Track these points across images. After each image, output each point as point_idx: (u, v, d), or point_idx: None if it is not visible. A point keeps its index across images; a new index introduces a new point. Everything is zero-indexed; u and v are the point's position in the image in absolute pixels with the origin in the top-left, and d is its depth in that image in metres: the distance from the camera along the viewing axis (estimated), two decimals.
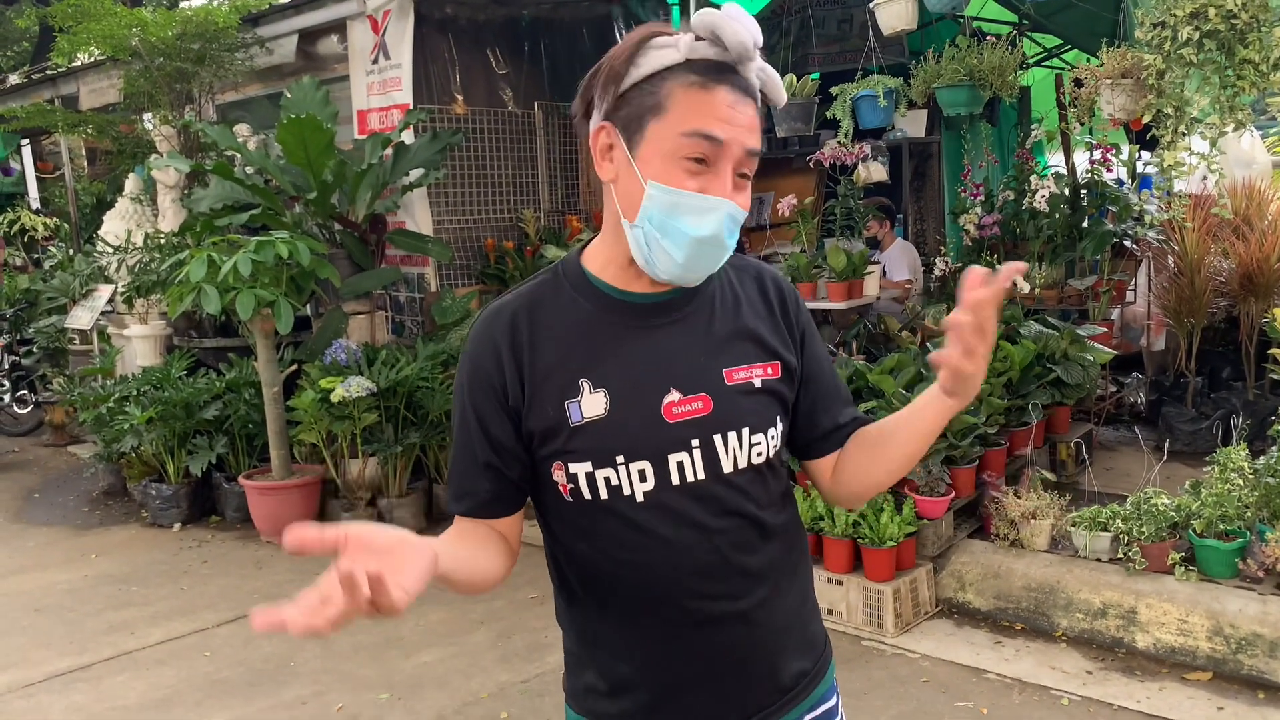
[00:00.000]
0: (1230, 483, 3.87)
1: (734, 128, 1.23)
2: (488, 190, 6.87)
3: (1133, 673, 3.63)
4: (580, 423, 1.29)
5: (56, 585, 4.96)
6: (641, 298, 1.34)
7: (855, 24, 6.99)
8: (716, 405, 1.31)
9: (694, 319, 1.35)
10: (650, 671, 1.35)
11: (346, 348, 5.54)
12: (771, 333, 1.40)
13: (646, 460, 1.29)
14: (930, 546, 4.27)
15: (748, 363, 1.35)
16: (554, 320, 1.33)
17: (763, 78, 1.28)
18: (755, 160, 1.27)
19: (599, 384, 1.30)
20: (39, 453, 7.79)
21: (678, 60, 1.23)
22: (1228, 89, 3.89)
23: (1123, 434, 6.25)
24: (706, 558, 1.32)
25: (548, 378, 1.31)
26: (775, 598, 1.38)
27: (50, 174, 12.55)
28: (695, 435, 1.30)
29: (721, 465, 1.32)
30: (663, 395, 1.30)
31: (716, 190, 1.24)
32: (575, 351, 1.31)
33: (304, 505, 5.51)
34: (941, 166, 7.61)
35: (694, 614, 1.33)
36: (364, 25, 6.37)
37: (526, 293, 1.37)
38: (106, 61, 7.61)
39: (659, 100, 1.23)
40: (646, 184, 1.24)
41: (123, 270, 6.86)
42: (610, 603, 1.36)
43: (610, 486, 1.29)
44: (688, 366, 1.32)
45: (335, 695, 3.73)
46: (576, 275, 1.37)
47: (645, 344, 1.32)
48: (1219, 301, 6.01)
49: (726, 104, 1.23)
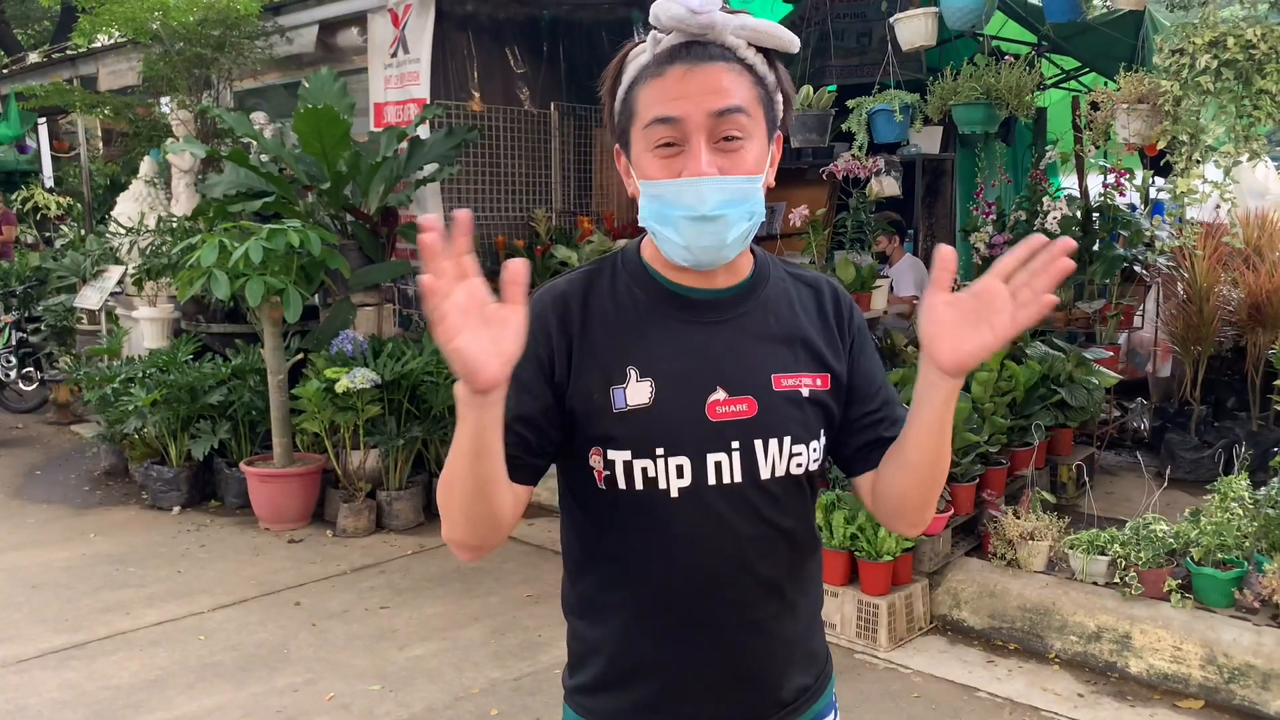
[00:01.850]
0: (1230, 512, 3.87)
1: (686, 100, 1.21)
2: (501, 188, 6.89)
3: (1124, 697, 3.63)
4: (623, 410, 1.28)
5: (54, 563, 4.97)
6: (698, 293, 1.33)
7: (874, 38, 7.00)
8: (761, 409, 1.30)
9: (748, 320, 1.33)
10: (656, 670, 1.35)
11: (353, 339, 5.56)
12: (825, 343, 1.37)
13: (685, 456, 1.28)
14: (927, 562, 4.27)
15: (798, 371, 1.33)
16: (607, 304, 1.33)
17: (744, 34, 1.23)
18: (737, 117, 1.22)
19: (646, 373, 1.28)
20: (42, 430, 7.82)
21: (648, 61, 1.25)
22: (1243, 118, 3.89)
23: (1125, 459, 6.24)
24: (730, 562, 1.31)
25: (595, 359, 1.29)
26: (788, 611, 1.37)
27: (66, 153, 12.61)
28: (736, 437, 1.29)
29: (759, 471, 1.30)
30: (709, 392, 1.29)
31: (691, 169, 1.23)
32: (625, 337, 1.30)
33: (304, 494, 5.53)
34: (954, 184, 7.61)
35: (707, 617, 1.32)
36: (384, 19, 6.40)
37: (582, 275, 1.36)
38: (127, 44, 7.64)
39: (632, 107, 1.27)
40: (639, 186, 1.28)
41: (134, 252, 6.89)
42: (624, 596, 1.35)
43: (647, 478, 1.28)
44: (737, 367, 1.30)
45: (327, 684, 3.74)
46: (635, 264, 1.36)
47: (697, 339, 1.31)
48: (1226, 330, 6.00)
49: (676, 79, 1.22)
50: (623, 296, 1.33)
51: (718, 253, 1.27)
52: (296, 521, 5.51)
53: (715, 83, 1.22)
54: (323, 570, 4.89)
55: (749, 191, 1.26)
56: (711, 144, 1.23)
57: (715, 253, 1.27)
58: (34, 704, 3.58)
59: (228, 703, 3.61)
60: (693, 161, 1.23)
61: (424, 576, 4.82)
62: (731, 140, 1.24)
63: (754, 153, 1.26)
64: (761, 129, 1.27)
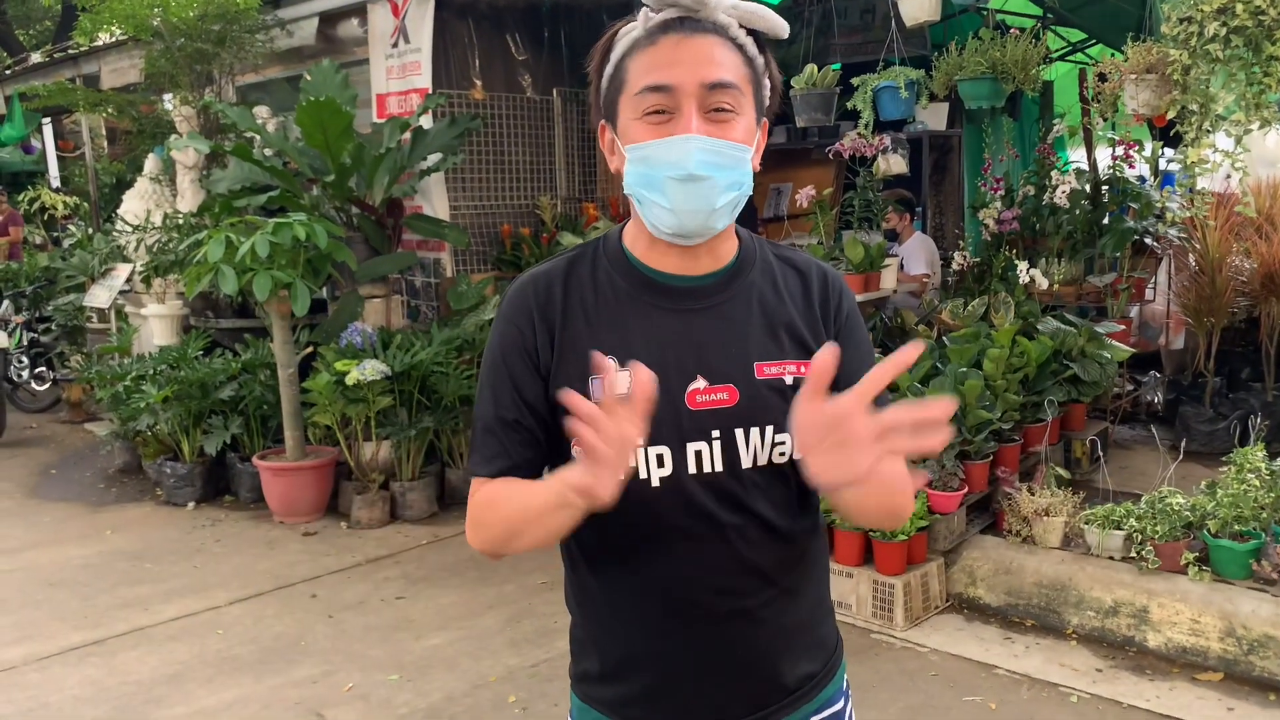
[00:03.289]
0: (1246, 483, 3.85)
1: (680, 67, 1.20)
2: (505, 176, 6.87)
3: (1143, 672, 3.62)
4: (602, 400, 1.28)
5: (72, 560, 5.00)
6: (679, 280, 1.31)
7: (877, 15, 6.95)
8: (742, 398, 1.28)
9: (730, 307, 1.32)
10: (651, 660, 1.35)
11: (362, 331, 5.56)
12: (810, 329, 1.35)
13: (665, 445, 1.27)
14: (942, 541, 4.25)
15: (781, 358, 1.31)
16: (587, 292, 1.32)
17: (735, 14, 1.24)
18: (730, 92, 1.22)
19: (625, 363, 1.27)
20: (56, 429, 7.86)
21: (639, 34, 1.25)
22: (1254, 86, 3.85)
23: (1139, 433, 6.21)
24: (716, 552, 1.30)
25: (575, 349, 1.29)
26: (784, 599, 1.35)
27: (71, 153, 12.64)
28: (716, 426, 1.28)
29: (740, 460, 1.29)
30: (688, 381, 1.28)
31: (681, 131, 1.21)
32: (605, 327, 1.30)
33: (317, 487, 5.54)
34: (962, 160, 7.57)
35: (698, 606, 1.31)
36: (384, 9, 6.37)
37: (564, 262, 1.36)
38: (128, 41, 7.63)
39: (622, 77, 1.26)
40: (625, 151, 1.27)
41: (141, 250, 6.90)
42: (617, 587, 1.35)
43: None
44: (718, 355, 1.29)
45: (345, 675, 3.76)
46: (615, 251, 1.35)
47: (677, 327, 1.30)
48: (1240, 301, 5.95)
49: (669, 47, 1.21)
50: (603, 285, 1.32)
51: (704, 219, 1.24)
52: (311, 514, 5.52)
53: (709, 53, 1.22)
54: (338, 562, 4.91)
55: (737, 159, 1.24)
56: (702, 114, 1.22)
57: (702, 218, 1.24)
58: (56, 701, 3.61)
59: (247, 695, 3.63)
60: (683, 126, 1.21)
61: (439, 566, 4.83)
62: (722, 112, 1.23)
63: (743, 127, 1.25)
64: (751, 109, 1.26)
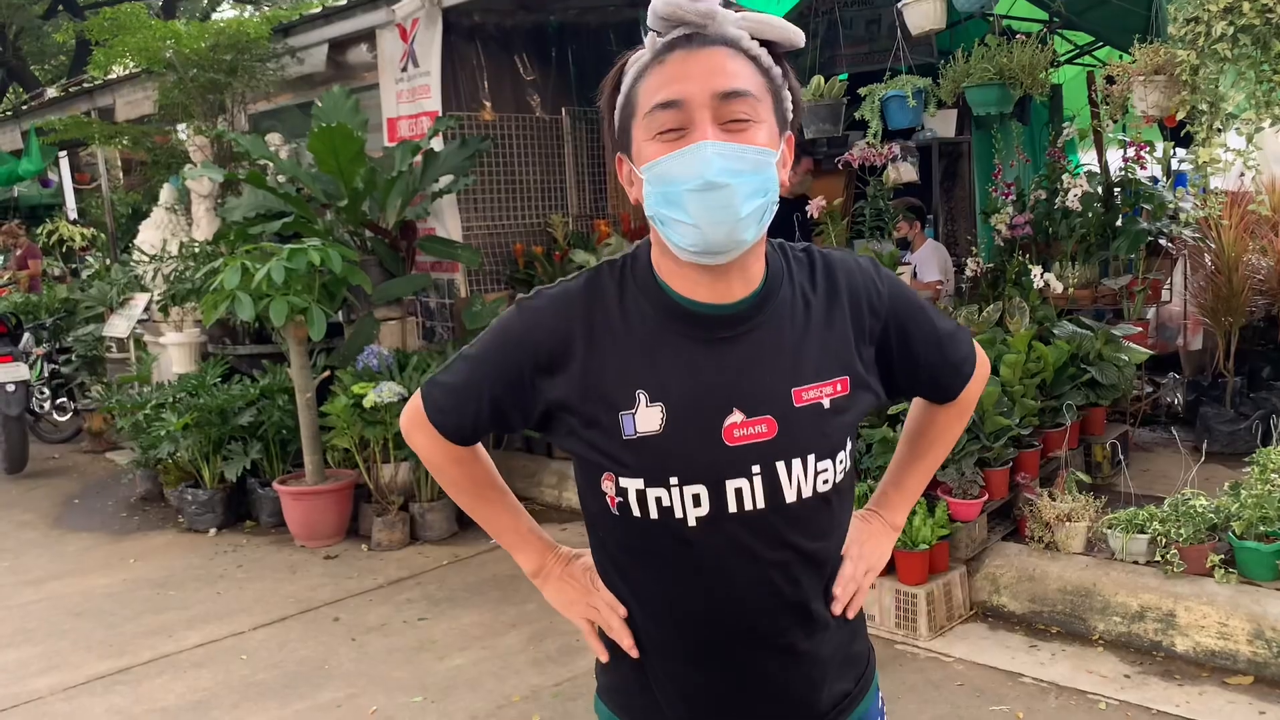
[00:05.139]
0: (1270, 484, 3.81)
1: (690, 81, 1.15)
2: (516, 196, 6.91)
3: (1172, 677, 3.58)
4: (633, 437, 1.22)
5: (96, 590, 5.03)
6: (709, 308, 1.24)
7: (883, 24, 6.95)
8: (782, 429, 1.22)
9: (763, 334, 1.25)
10: (680, 690, 1.32)
11: (378, 354, 5.59)
12: (854, 328, 1.29)
13: (702, 484, 1.21)
14: (964, 549, 4.23)
15: (818, 380, 1.25)
16: (615, 319, 1.25)
17: (745, 25, 1.18)
18: (745, 101, 1.15)
19: (656, 397, 1.22)
20: (78, 459, 7.92)
21: (647, 59, 1.20)
22: (1263, 84, 3.83)
23: (1159, 435, 6.16)
24: (757, 590, 1.26)
25: (602, 380, 1.23)
26: (823, 629, 1.32)
27: (87, 185, 12.77)
28: (756, 461, 1.21)
29: (784, 494, 1.23)
30: (724, 415, 1.21)
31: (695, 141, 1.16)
32: (633, 359, 1.23)
33: (337, 510, 5.56)
34: (972, 166, 7.54)
35: (734, 644, 1.28)
36: (393, 34, 6.43)
37: (584, 284, 1.29)
38: (141, 74, 7.72)
39: (633, 103, 1.21)
40: (641, 172, 1.21)
41: (158, 279, 6.96)
42: (649, 619, 1.32)
43: (661, 507, 1.22)
44: (754, 385, 1.23)
45: (369, 698, 3.76)
46: (645, 275, 1.27)
47: (710, 359, 1.23)
48: (1257, 300, 5.91)
49: (678, 63, 1.16)
50: (630, 313, 1.25)
51: (729, 230, 1.15)
52: (331, 538, 5.54)
53: (719, 64, 1.15)
54: (359, 585, 4.92)
55: (759, 163, 1.16)
56: (718, 125, 1.15)
57: (727, 230, 1.15)
58: None
59: None
60: (698, 138, 1.15)
61: (460, 586, 4.84)
62: (739, 122, 1.16)
63: (765, 134, 1.18)
64: (771, 119, 1.19)
